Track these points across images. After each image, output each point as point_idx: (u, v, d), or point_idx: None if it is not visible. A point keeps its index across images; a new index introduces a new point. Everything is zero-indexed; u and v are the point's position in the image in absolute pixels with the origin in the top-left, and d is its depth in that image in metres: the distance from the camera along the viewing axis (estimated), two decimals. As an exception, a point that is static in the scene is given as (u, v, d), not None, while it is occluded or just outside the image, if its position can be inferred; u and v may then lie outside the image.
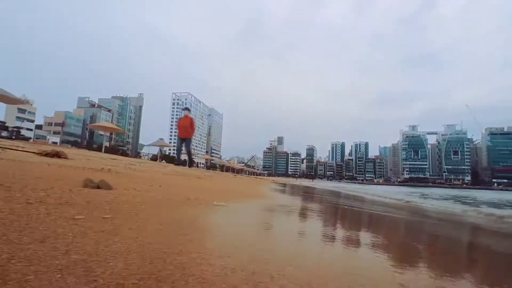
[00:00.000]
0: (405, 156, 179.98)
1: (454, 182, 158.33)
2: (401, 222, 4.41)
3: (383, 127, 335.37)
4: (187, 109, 11.27)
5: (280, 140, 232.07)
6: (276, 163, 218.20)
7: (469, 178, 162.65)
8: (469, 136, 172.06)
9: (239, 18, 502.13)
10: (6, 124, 51.81)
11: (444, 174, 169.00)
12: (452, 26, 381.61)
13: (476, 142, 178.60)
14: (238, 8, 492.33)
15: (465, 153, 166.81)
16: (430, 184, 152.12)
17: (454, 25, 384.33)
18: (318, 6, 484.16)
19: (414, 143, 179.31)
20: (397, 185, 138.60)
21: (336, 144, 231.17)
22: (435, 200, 10.51)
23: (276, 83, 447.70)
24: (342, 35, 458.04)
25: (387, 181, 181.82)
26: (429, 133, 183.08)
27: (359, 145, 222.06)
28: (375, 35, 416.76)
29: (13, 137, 45.74)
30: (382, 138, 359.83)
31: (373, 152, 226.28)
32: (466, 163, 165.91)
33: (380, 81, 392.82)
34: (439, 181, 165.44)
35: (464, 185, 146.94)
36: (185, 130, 10.26)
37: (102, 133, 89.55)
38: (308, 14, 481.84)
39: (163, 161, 19.70)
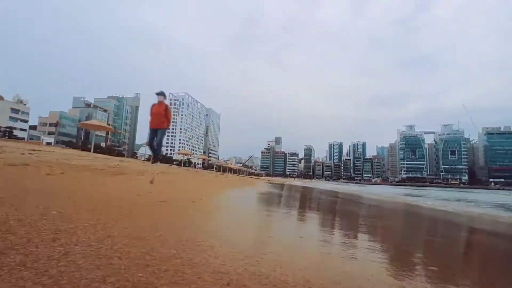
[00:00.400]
0: (402, 155, 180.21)
1: (452, 182, 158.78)
2: None
3: (380, 128, 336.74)
4: (161, 93, 8.91)
5: (278, 140, 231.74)
6: (274, 163, 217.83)
7: (466, 177, 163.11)
8: (466, 136, 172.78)
9: (238, 19, 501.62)
10: (-1, 124, 50.88)
11: (442, 173, 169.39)
12: (449, 27, 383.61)
13: (473, 141, 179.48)
14: (237, 8, 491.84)
15: (462, 152, 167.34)
16: (428, 183, 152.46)
17: (451, 26, 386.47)
18: (317, 6, 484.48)
19: (411, 143, 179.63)
20: (395, 185, 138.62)
21: (334, 144, 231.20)
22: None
23: (275, 83, 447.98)
24: (340, 36, 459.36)
25: (385, 181, 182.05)
26: (426, 133, 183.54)
27: (357, 145, 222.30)
28: (373, 36, 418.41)
29: (6, 137, 44.87)
30: (379, 138, 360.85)
31: (370, 152, 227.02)
32: (463, 163, 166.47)
33: (377, 82, 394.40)
34: (437, 180, 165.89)
35: (462, 185, 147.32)
36: (158, 118, 7.90)
37: (98, 133, 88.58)
38: (306, 15, 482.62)
39: (158, 162, 18.59)
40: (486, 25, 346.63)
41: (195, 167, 59.95)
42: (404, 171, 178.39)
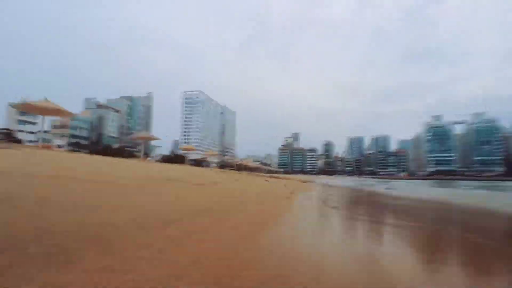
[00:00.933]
0: (430, 148, 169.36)
1: (486, 174, 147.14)
2: None
3: (396, 121, 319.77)
4: None
5: (295, 137, 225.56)
6: (292, 160, 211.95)
7: (502, 169, 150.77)
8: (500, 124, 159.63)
9: (244, 17, 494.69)
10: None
11: (474, 166, 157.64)
12: (461, 14, 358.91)
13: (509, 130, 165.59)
14: (245, 8, 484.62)
15: (497, 142, 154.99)
16: (459, 177, 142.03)
17: (463, 13, 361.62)
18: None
19: (439, 134, 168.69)
20: (423, 179, 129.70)
21: (353, 139, 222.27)
22: None
23: (286, 81, 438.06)
24: (350, 29, 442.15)
25: (411, 175, 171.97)
26: (455, 123, 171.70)
27: (378, 139, 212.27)
28: (382, 28, 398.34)
29: (13, 141, 42.63)
30: (397, 131, 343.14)
31: (390, 146, 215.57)
32: (499, 154, 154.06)
33: (388, 74, 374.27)
34: (468, 173, 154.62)
35: (498, 177, 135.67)
36: None
37: (110, 133, 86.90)
38: (318, 6, 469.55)
39: (148, 158, 13.63)
40: (500, 11, 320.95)
41: (208, 167, 55.78)
42: (432, 164, 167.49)
